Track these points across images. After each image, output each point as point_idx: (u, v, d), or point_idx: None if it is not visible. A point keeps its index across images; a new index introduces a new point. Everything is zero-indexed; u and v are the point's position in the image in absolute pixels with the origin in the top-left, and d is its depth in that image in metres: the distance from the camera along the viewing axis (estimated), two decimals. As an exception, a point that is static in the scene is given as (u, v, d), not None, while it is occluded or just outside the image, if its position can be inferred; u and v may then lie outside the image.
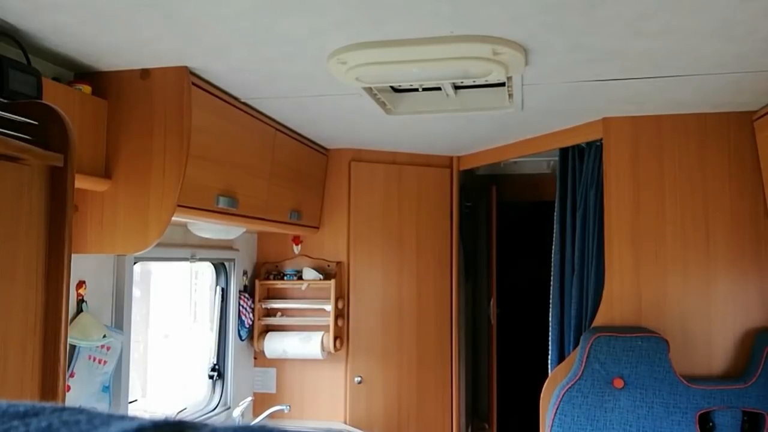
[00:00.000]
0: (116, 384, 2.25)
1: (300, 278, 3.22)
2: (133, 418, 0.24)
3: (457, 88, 2.17)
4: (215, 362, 3.03)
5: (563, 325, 2.79)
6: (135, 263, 2.36)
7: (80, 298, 2.07)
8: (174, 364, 3.02)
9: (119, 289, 2.28)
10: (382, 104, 2.30)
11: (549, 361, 2.78)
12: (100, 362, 2.13)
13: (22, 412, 0.25)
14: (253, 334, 3.19)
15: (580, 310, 2.72)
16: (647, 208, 2.59)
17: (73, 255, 1.34)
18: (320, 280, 3.19)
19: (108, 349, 2.16)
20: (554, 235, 2.89)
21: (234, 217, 2.35)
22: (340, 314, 3.21)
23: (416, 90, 2.28)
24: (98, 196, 1.92)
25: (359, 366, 3.24)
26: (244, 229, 2.87)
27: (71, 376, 2.02)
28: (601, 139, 2.67)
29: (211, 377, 3.01)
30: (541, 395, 2.63)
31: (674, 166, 2.58)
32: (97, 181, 1.89)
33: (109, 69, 1.95)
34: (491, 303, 3.92)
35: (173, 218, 1.92)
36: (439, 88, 2.18)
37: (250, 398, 3.13)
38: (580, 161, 2.85)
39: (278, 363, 3.26)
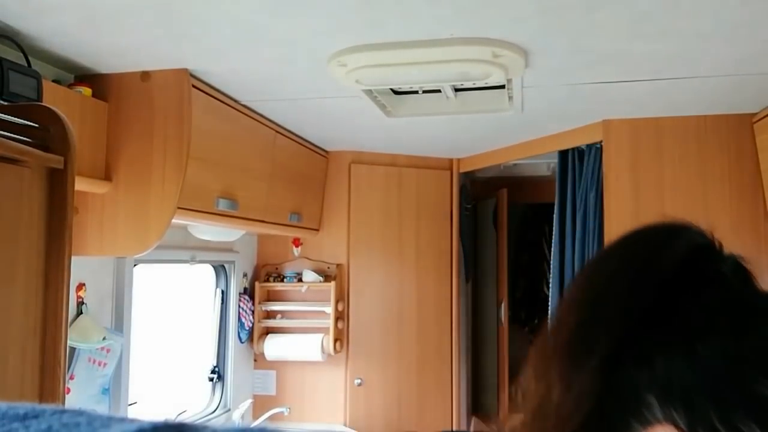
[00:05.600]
0: (116, 386, 2.25)
1: (300, 280, 3.22)
2: (133, 421, 0.24)
3: (457, 90, 2.17)
4: (215, 364, 3.03)
5: (563, 328, 2.78)
6: (135, 265, 2.36)
7: (80, 300, 2.07)
8: (174, 367, 3.02)
9: (119, 291, 2.28)
10: (382, 106, 2.30)
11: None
12: (99, 364, 2.13)
13: (22, 414, 0.25)
14: (253, 336, 3.19)
15: (580, 313, 2.72)
16: (647, 210, 2.59)
17: (72, 257, 1.34)
18: (320, 282, 3.19)
19: (108, 351, 2.16)
20: (554, 237, 2.89)
21: (234, 219, 2.35)
22: (340, 316, 3.21)
23: (416, 92, 2.28)
24: (98, 198, 1.92)
25: (359, 368, 3.24)
26: (244, 231, 2.87)
27: (71, 378, 2.01)
28: (601, 142, 2.67)
29: (210, 379, 3.01)
30: (541, 397, 2.63)
31: (674, 168, 2.58)
32: (98, 183, 1.89)
33: (110, 71, 1.95)
34: (502, 305, 3.92)
35: (173, 220, 1.92)
36: (438, 91, 2.18)
37: (250, 400, 3.13)
38: (580, 163, 2.85)
39: (278, 365, 3.26)
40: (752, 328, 0.48)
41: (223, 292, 3.07)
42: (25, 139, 1.27)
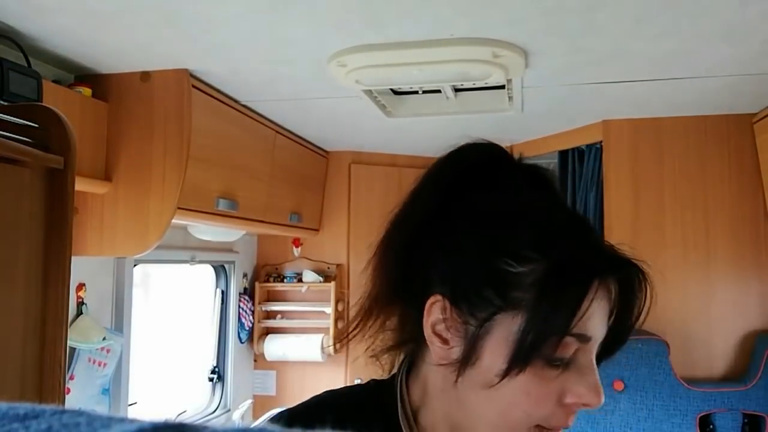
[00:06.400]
0: (116, 386, 2.25)
1: (300, 280, 3.22)
2: (133, 421, 0.24)
3: (457, 90, 2.17)
4: (215, 365, 3.03)
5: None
6: (135, 265, 2.36)
7: (80, 300, 2.07)
8: (174, 367, 3.02)
9: (119, 291, 2.28)
10: (382, 107, 2.30)
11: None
12: (99, 365, 2.13)
13: (22, 415, 0.25)
14: (253, 336, 3.19)
15: (580, 313, 2.72)
16: (647, 211, 2.59)
17: (72, 257, 1.33)
18: (320, 282, 3.19)
19: (108, 351, 2.16)
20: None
21: (234, 220, 2.35)
22: (340, 316, 3.21)
23: (416, 92, 2.28)
24: (98, 198, 1.92)
25: (359, 368, 3.23)
26: (244, 232, 2.87)
27: (71, 378, 2.01)
28: (601, 142, 2.67)
29: (210, 380, 3.01)
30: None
31: (674, 168, 2.58)
32: (98, 184, 1.89)
33: (110, 71, 1.95)
34: None
35: (173, 220, 1.92)
36: (438, 91, 2.18)
37: (250, 401, 3.13)
38: (580, 164, 2.85)
39: (278, 365, 3.26)
40: (503, 222, 0.63)
41: (223, 292, 3.07)
42: (25, 139, 1.27)
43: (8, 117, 1.28)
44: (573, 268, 0.60)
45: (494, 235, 0.62)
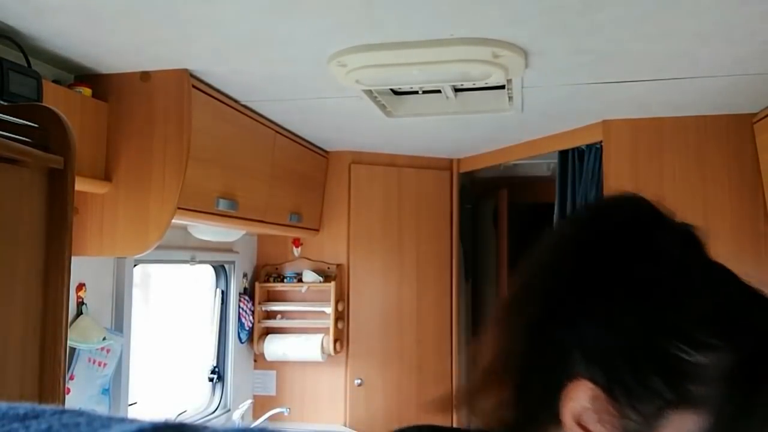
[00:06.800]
0: (116, 386, 2.25)
1: (300, 281, 3.22)
2: (133, 421, 0.24)
3: (457, 90, 2.17)
4: (215, 365, 3.03)
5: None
6: (135, 265, 2.36)
7: (80, 300, 2.07)
8: (174, 367, 3.02)
9: (119, 291, 2.28)
10: (382, 107, 2.30)
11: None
12: (99, 365, 2.13)
13: (22, 415, 0.25)
14: (253, 336, 3.19)
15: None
16: (647, 211, 2.59)
17: (72, 257, 1.33)
18: (320, 282, 3.19)
19: (108, 351, 2.16)
20: (554, 237, 2.89)
21: (234, 220, 2.35)
22: (340, 316, 3.21)
23: (416, 92, 2.28)
24: (98, 198, 1.92)
25: (359, 368, 3.24)
26: (244, 232, 2.87)
27: (71, 378, 2.01)
28: (601, 142, 2.67)
29: (210, 380, 3.01)
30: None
31: (674, 168, 2.58)
32: (98, 184, 1.89)
33: (110, 71, 1.95)
34: None
35: (173, 220, 1.92)
36: (439, 91, 2.18)
37: (249, 401, 3.13)
38: (580, 163, 2.85)
39: (278, 365, 3.26)
40: (671, 296, 0.52)
41: (223, 292, 3.07)
42: (25, 139, 1.27)
43: (8, 117, 1.28)
44: None
45: (660, 311, 0.52)
